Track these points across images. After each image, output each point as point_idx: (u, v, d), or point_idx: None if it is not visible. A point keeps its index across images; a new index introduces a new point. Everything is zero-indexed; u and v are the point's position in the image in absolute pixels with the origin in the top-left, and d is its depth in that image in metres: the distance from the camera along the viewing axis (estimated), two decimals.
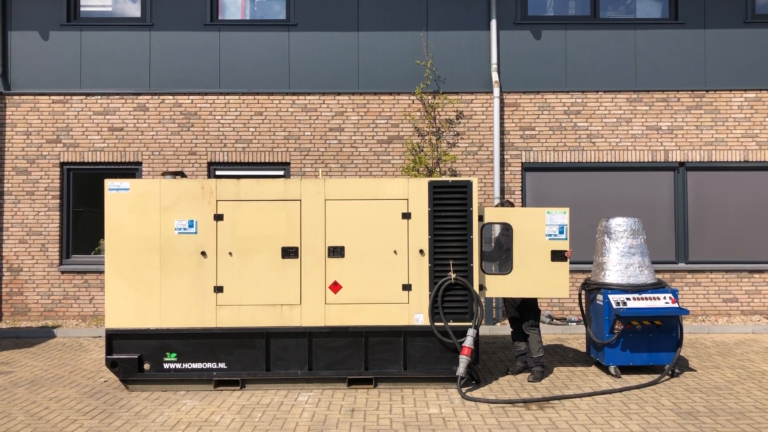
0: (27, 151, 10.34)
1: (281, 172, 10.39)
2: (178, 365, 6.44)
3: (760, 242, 10.30)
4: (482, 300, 6.57)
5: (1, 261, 10.29)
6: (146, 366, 6.43)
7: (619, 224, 7.22)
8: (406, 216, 6.50)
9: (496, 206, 7.40)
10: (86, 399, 6.23)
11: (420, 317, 6.48)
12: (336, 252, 6.49)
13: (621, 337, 6.87)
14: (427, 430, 5.26)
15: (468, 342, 6.33)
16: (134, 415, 5.70)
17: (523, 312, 7.02)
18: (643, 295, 6.90)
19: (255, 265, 6.46)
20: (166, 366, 6.44)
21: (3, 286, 10.29)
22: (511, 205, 7.22)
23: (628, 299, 6.87)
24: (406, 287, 6.49)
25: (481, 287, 6.63)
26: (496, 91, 10.14)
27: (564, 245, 6.67)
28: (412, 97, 10.35)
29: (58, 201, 10.30)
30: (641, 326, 6.88)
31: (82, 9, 10.62)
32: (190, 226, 6.47)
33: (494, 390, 6.43)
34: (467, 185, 6.52)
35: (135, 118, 10.37)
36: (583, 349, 8.23)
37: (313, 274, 6.47)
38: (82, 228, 10.46)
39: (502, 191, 10.20)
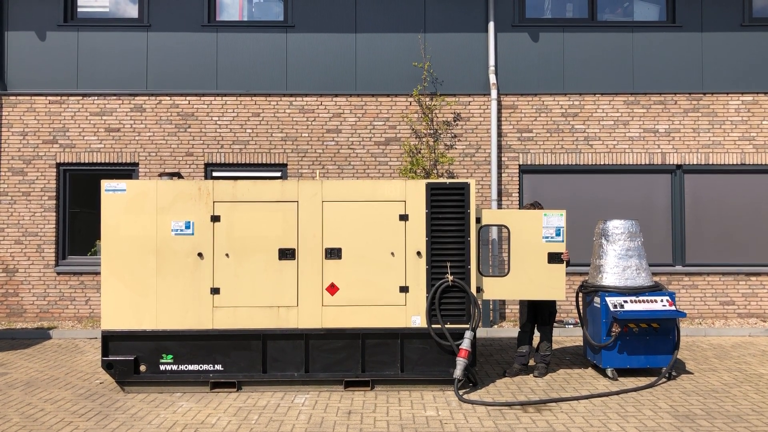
0: (23, 151, 10.30)
1: (278, 174, 10.37)
2: (175, 367, 6.42)
3: (757, 245, 10.32)
4: (479, 302, 6.56)
5: None
6: (142, 368, 6.41)
7: (616, 227, 7.22)
8: (404, 218, 6.49)
9: (524, 207, 7.39)
10: (82, 401, 6.20)
11: (417, 319, 6.46)
12: (333, 254, 6.47)
13: (618, 339, 6.87)
14: None
15: (465, 344, 6.32)
16: (130, 417, 5.67)
17: (539, 313, 7.11)
18: (641, 298, 6.90)
19: (252, 266, 6.44)
20: (162, 368, 6.41)
21: None
22: (541, 206, 7.20)
23: (625, 302, 6.86)
24: (404, 289, 6.48)
25: (479, 289, 6.63)
26: (494, 93, 10.15)
27: (561, 247, 6.67)
28: (410, 99, 10.35)
29: (54, 202, 10.27)
30: (638, 329, 6.89)
31: (79, 9, 10.59)
32: (187, 227, 6.45)
33: (491, 392, 6.42)
34: (464, 187, 6.52)
35: (132, 118, 10.34)
36: (580, 351, 8.23)
37: (310, 276, 6.46)
38: (78, 229, 10.42)
39: (500, 193, 10.20)
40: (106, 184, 6.48)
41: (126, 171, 10.41)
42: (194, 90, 10.34)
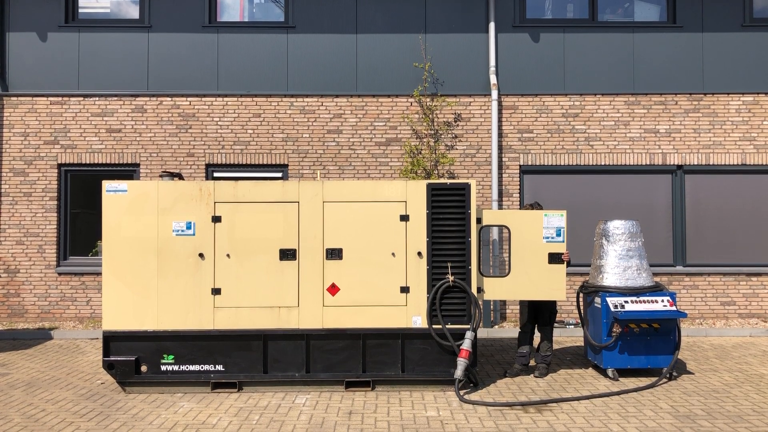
0: (24, 152, 10.32)
1: (279, 174, 10.38)
2: (176, 367, 6.42)
3: (758, 245, 10.31)
4: (480, 302, 6.56)
5: None
6: (143, 368, 6.42)
7: (617, 227, 7.22)
8: (404, 218, 6.50)
9: (524, 207, 7.39)
10: (83, 401, 6.21)
11: (418, 320, 6.47)
12: (334, 254, 6.48)
13: (619, 340, 6.87)
14: None
15: (466, 344, 6.32)
16: (131, 418, 5.68)
17: (539, 313, 7.11)
18: (641, 298, 6.90)
19: (253, 267, 6.45)
20: (163, 368, 6.42)
21: (0, 287, 10.26)
22: (540, 207, 7.21)
23: (626, 302, 6.87)
24: (404, 289, 6.48)
25: (479, 290, 6.63)
26: (494, 93, 10.15)
27: (561, 248, 6.68)
28: (411, 100, 10.35)
29: (55, 202, 10.28)
30: (639, 329, 6.89)
31: (80, 10, 10.61)
32: (188, 227, 6.46)
33: (492, 393, 6.42)
34: (465, 187, 6.52)
35: (133, 119, 10.35)
36: (581, 351, 8.24)
37: (310, 277, 6.46)
38: (79, 229, 10.44)
39: (500, 194, 10.20)
40: (107, 184, 6.49)
41: (127, 172, 10.42)
42: (195, 91, 10.35)
